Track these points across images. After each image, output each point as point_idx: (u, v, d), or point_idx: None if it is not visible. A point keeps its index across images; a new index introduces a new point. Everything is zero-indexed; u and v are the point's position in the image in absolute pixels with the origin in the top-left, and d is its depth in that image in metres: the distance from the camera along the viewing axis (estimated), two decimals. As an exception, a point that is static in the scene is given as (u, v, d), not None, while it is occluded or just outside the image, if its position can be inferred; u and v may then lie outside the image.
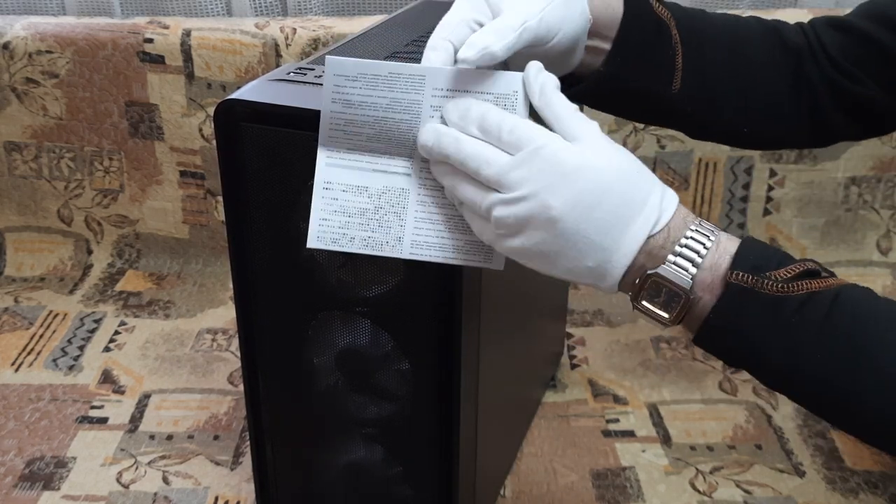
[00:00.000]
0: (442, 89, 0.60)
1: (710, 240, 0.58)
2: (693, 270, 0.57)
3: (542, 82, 0.59)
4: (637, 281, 0.58)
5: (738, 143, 0.83)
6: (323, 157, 0.63)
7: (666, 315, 0.58)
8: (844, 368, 0.56)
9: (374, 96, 0.61)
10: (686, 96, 0.75)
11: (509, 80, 0.60)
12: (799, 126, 0.78)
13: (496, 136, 0.58)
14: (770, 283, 0.56)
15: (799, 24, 0.79)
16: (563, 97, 0.59)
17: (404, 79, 0.60)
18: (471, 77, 0.60)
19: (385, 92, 0.61)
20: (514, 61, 0.63)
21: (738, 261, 0.57)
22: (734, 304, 0.57)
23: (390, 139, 0.62)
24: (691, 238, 0.58)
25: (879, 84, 0.76)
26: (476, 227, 0.60)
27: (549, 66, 0.64)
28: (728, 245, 0.58)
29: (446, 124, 0.60)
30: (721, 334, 0.58)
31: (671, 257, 0.57)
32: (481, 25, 0.60)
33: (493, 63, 0.59)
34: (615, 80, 0.73)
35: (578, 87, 0.74)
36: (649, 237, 0.57)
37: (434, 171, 0.61)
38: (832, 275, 0.58)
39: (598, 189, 0.56)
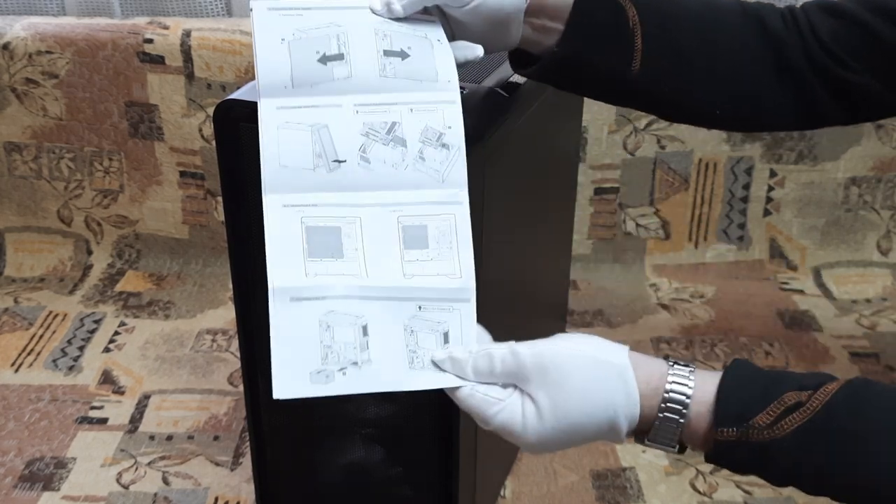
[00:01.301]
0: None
1: (684, 401, 0.60)
2: (678, 434, 0.60)
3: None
4: (635, 440, 0.62)
5: (712, 125, 0.84)
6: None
7: (672, 449, 0.62)
8: (847, 481, 0.57)
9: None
10: (648, 78, 0.75)
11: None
12: (782, 110, 0.78)
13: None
14: (755, 432, 0.58)
15: (788, 8, 0.78)
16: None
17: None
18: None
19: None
20: (442, 20, 0.68)
21: (721, 411, 0.59)
22: (725, 455, 0.59)
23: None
24: (665, 414, 0.60)
25: (870, 71, 0.75)
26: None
27: (479, 38, 0.69)
28: (703, 395, 0.60)
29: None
30: (724, 465, 0.61)
31: (658, 416, 0.60)
32: None
33: (395, 16, 0.66)
34: (570, 60, 0.74)
35: (535, 67, 0.75)
36: (631, 430, 0.61)
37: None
38: (815, 388, 0.58)
39: (567, 423, 0.60)
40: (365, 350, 0.61)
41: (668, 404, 0.60)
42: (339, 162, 0.63)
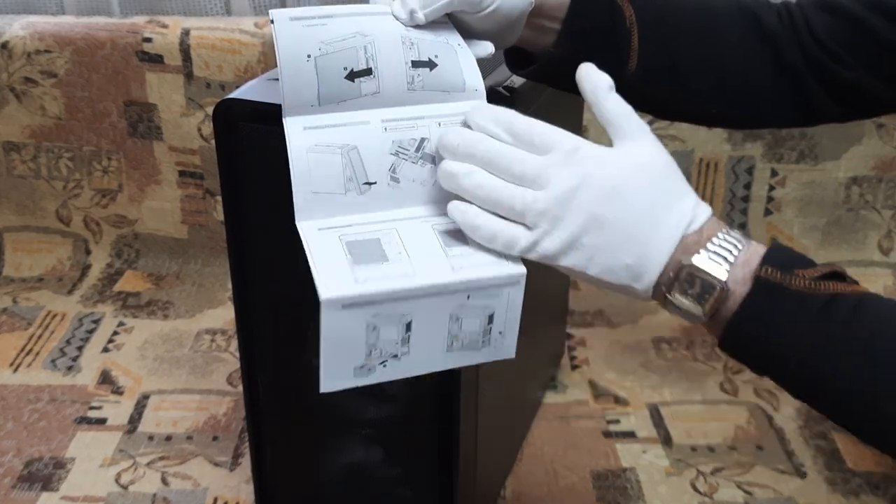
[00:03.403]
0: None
1: (741, 242, 0.59)
2: (727, 266, 0.58)
3: (595, 83, 0.62)
4: (672, 274, 0.59)
5: (708, 123, 0.84)
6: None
7: (699, 308, 0.59)
8: (865, 371, 0.56)
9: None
10: (644, 77, 0.75)
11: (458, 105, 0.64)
12: (778, 107, 0.78)
13: (527, 139, 0.59)
14: (798, 279, 0.57)
15: (784, 4, 0.78)
16: (617, 98, 0.62)
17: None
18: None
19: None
20: (452, 22, 0.67)
21: (768, 259, 0.58)
22: (763, 298, 0.57)
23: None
24: (724, 239, 0.59)
25: (866, 67, 0.75)
26: (506, 237, 0.60)
27: (486, 37, 0.68)
28: (758, 247, 0.59)
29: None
30: (747, 333, 0.59)
31: (705, 252, 0.58)
32: None
33: (417, 24, 0.64)
34: (566, 62, 0.73)
35: (533, 68, 0.75)
36: (683, 236, 0.59)
37: (454, 177, 0.60)
38: (857, 283, 0.59)
39: (633, 185, 0.58)
40: (406, 344, 0.61)
41: (727, 236, 0.59)
42: (370, 184, 0.62)
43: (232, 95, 0.71)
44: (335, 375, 0.61)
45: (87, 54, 1.37)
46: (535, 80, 0.76)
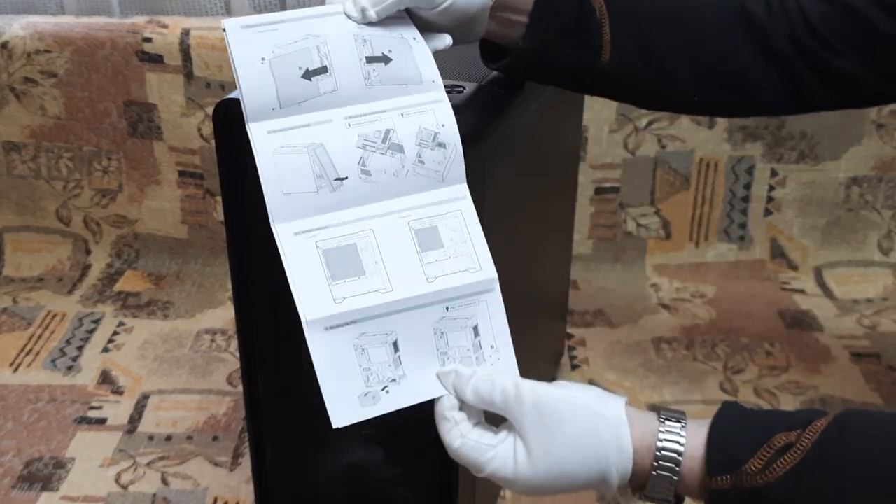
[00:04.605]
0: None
1: (677, 452, 0.60)
2: (675, 479, 0.60)
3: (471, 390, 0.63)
4: (633, 489, 0.62)
5: (690, 111, 0.84)
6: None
7: (669, 502, 0.62)
8: None
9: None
10: (619, 67, 0.75)
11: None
12: (767, 93, 0.78)
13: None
14: (748, 477, 0.57)
15: None
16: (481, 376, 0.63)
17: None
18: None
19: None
20: (410, 18, 0.67)
21: (713, 460, 0.59)
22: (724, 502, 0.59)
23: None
24: (659, 465, 0.60)
25: (861, 57, 0.75)
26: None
27: (446, 31, 0.68)
28: (696, 447, 0.60)
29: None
30: None
31: (651, 481, 0.60)
32: None
33: (370, 21, 0.64)
34: (538, 56, 0.74)
35: (503, 62, 0.75)
36: (626, 482, 0.61)
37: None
38: (802, 427, 0.58)
39: (557, 469, 0.60)
40: (399, 366, 0.62)
41: (661, 462, 0.60)
42: (341, 179, 0.62)
43: (232, 95, 0.71)
44: (342, 406, 0.62)
45: (87, 54, 1.37)
46: (509, 73, 0.76)
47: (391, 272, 0.62)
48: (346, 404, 0.62)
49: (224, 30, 0.62)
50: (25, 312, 1.35)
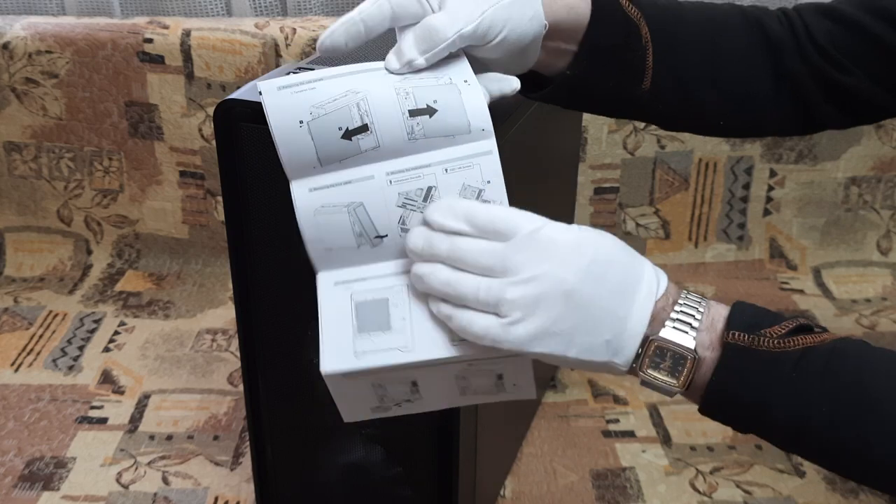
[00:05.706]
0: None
1: (701, 304, 0.59)
2: (693, 332, 0.58)
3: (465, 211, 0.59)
4: (640, 350, 0.58)
5: (713, 134, 0.84)
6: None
7: (673, 381, 0.59)
8: (849, 418, 0.56)
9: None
10: (657, 94, 0.75)
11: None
12: (779, 116, 0.78)
13: (490, 228, 0.58)
14: (766, 339, 0.57)
15: (782, 10, 0.78)
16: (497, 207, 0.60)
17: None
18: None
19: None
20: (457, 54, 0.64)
21: (733, 321, 0.58)
22: (735, 363, 0.57)
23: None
24: (685, 303, 0.59)
25: (868, 74, 0.75)
26: (479, 327, 0.58)
27: (499, 65, 0.66)
28: (720, 308, 0.60)
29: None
30: (725, 398, 0.59)
31: (670, 322, 0.58)
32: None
33: (418, 69, 0.61)
34: (582, 84, 0.73)
35: (546, 91, 0.74)
36: (654, 303, 0.58)
37: (422, 279, 0.59)
38: (825, 330, 0.59)
39: (604, 259, 0.57)
40: (416, 392, 0.62)
41: (686, 300, 0.59)
42: (381, 237, 0.61)
43: (233, 96, 0.71)
44: (352, 415, 0.64)
45: (88, 55, 1.37)
46: (546, 101, 0.75)
47: (417, 330, 0.60)
48: (356, 414, 0.63)
49: (260, 92, 0.59)
50: (26, 312, 1.35)
